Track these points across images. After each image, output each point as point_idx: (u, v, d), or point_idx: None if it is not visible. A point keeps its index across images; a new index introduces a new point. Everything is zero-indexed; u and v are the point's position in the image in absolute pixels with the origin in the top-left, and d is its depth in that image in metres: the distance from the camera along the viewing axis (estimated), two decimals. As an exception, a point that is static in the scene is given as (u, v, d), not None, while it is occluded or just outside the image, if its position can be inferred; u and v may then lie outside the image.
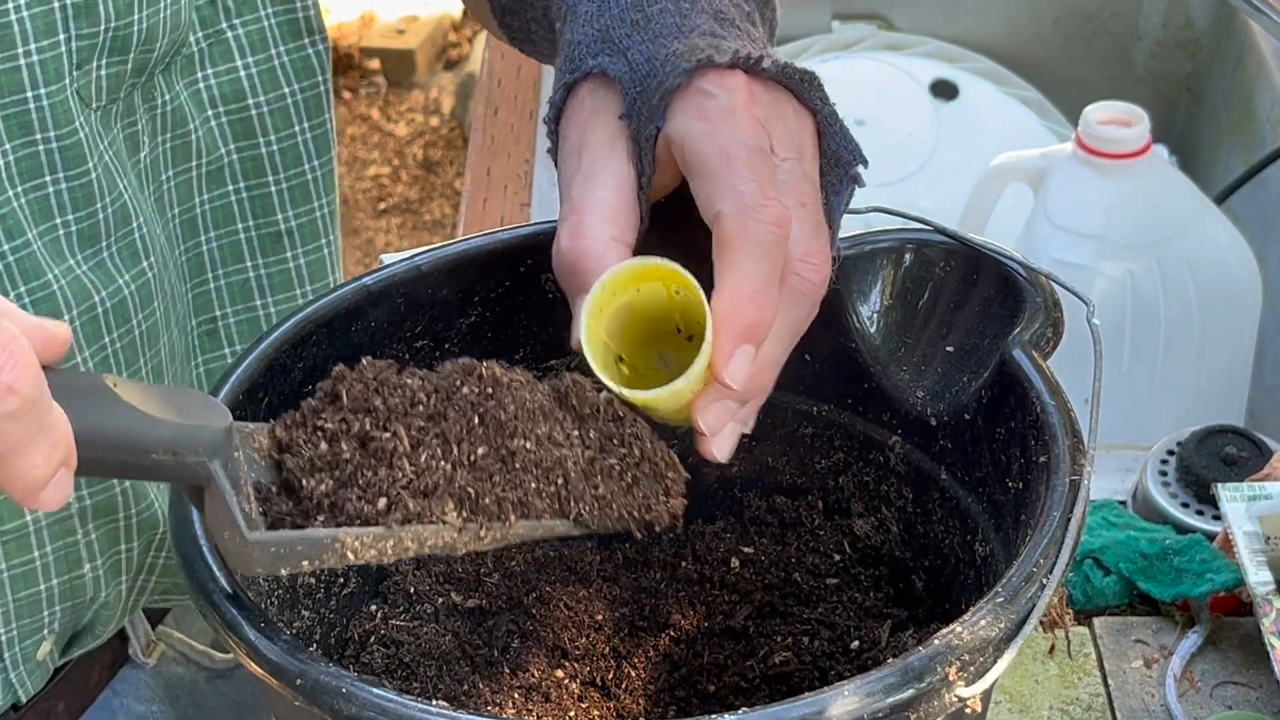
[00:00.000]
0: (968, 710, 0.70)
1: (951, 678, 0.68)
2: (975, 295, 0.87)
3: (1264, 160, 1.84)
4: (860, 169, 0.79)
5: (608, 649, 0.89)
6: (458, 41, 4.04)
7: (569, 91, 0.80)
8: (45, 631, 0.98)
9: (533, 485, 0.72)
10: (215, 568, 0.72)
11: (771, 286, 0.74)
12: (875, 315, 0.88)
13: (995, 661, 0.70)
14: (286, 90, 0.98)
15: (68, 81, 0.87)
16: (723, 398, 0.76)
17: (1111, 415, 0.79)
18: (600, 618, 0.90)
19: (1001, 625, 0.69)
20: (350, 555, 0.68)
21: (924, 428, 0.87)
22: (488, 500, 0.71)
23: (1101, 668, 1.08)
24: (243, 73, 0.97)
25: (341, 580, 0.89)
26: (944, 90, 2.11)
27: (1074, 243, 1.68)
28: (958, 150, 2.02)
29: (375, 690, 0.66)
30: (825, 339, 0.85)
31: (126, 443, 0.65)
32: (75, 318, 0.91)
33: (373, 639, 0.88)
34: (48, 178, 0.88)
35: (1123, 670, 1.08)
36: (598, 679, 0.88)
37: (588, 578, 0.92)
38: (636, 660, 0.89)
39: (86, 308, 0.91)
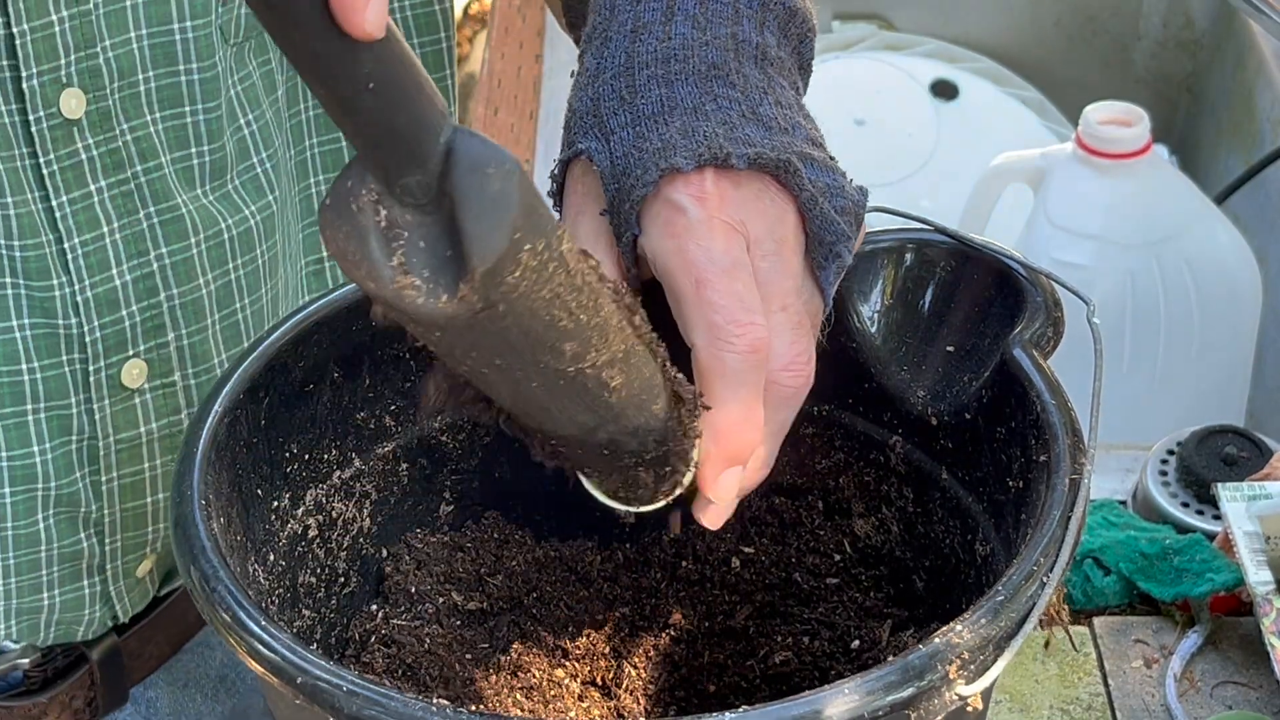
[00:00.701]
0: (968, 709, 0.70)
1: (952, 676, 0.68)
2: (976, 295, 0.87)
3: (1264, 160, 1.84)
4: (845, 245, 0.78)
5: (608, 649, 0.89)
6: (458, 41, 4.04)
7: (565, 169, 0.80)
8: (148, 549, 1.01)
9: None
10: (217, 565, 0.72)
11: (752, 410, 0.74)
12: (876, 315, 0.88)
13: (995, 660, 0.70)
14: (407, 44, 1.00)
15: (214, 16, 0.91)
16: (715, 503, 0.77)
17: (1111, 415, 0.80)
18: (601, 618, 0.90)
19: (1002, 624, 0.69)
20: None
21: (925, 427, 0.87)
22: None
23: (1101, 668, 1.08)
24: None
25: (342, 580, 0.89)
26: (944, 90, 2.11)
27: (1074, 243, 1.69)
28: (958, 150, 2.02)
29: (376, 689, 0.66)
30: (826, 339, 0.85)
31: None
32: (201, 241, 0.95)
33: (373, 639, 0.88)
34: (186, 108, 0.92)
35: (1123, 670, 1.08)
36: (598, 679, 0.88)
37: (589, 578, 0.92)
38: (637, 660, 0.89)
39: (212, 233, 0.95)
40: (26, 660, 1.01)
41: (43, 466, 0.95)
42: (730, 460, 0.75)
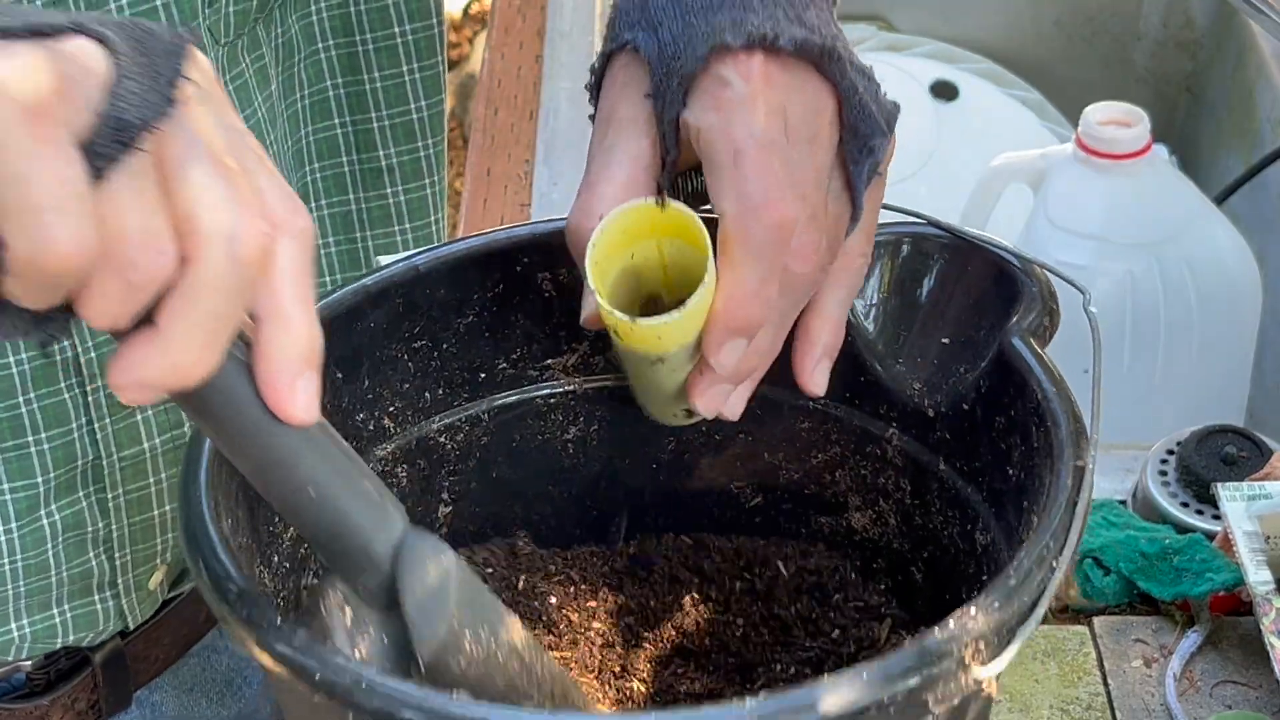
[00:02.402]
0: (983, 692, 0.71)
1: (968, 660, 0.68)
2: (971, 286, 0.87)
3: (1264, 160, 1.83)
4: (879, 141, 0.79)
5: (611, 646, 0.89)
6: (458, 42, 4.04)
7: (607, 60, 0.81)
8: (158, 561, 1.00)
9: None
10: (230, 565, 0.72)
11: (768, 287, 0.76)
12: (871, 308, 0.88)
13: (1009, 643, 0.70)
14: (397, 30, 1.00)
15: (201, 19, 0.90)
16: (715, 383, 0.79)
17: (1111, 415, 0.80)
18: (600, 622, 0.90)
19: (1015, 607, 0.70)
20: None
21: (922, 419, 0.87)
22: None
23: (1101, 667, 1.08)
24: (353, 8, 0.99)
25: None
26: (944, 91, 2.11)
27: (1074, 243, 1.68)
28: (958, 150, 2.02)
29: (395, 684, 0.66)
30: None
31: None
32: None
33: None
34: None
35: (1123, 670, 1.08)
36: (598, 680, 0.88)
37: (591, 581, 0.92)
38: (634, 662, 0.89)
39: None
40: (29, 662, 1.01)
41: (46, 495, 0.94)
42: (736, 329, 0.77)
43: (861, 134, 0.79)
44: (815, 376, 0.83)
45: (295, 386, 0.63)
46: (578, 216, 0.79)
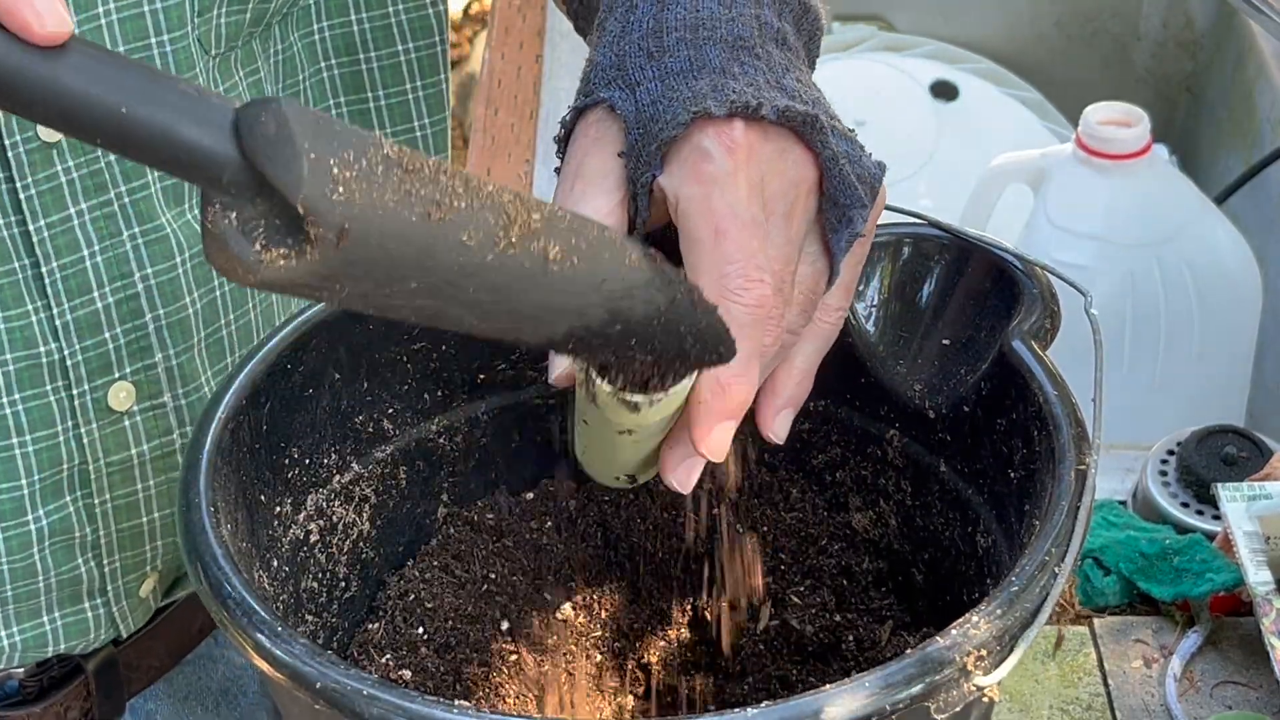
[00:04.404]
0: (985, 699, 0.71)
1: (970, 667, 0.68)
2: (972, 288, 0.87)
3: (1264, 160, 1.84)
4: (858, 212, 0.78)
5: (607, 653, 0.89)
6: (458, 41, 4.04)
7: (579, 115, 0.80)
8: (148, 568, 1.00)
9: None
10: (229, 571, 0.72)
11: (750, 365, 0.75)
12: (872, 310, 0.88)
13: (1011, 650, 0.70)
14: (400, 48, 1.00)
15: (190, 28, 0.89)
16: (694, 461, 0.77)
17: (1111, 415, 0.80)
18: (600, 622, 0.90)
19: (1017, 614, 0.70)
20: None
21: (922, 421, 0.87)
22: None
23: (1101, 668, 1.08)
24: (356, 27, 0.98)
25: (343, 585, 0.89)
26: (944, 91, 2.11)
27: (1074, 243, 1.69)
28: (958, 150, 2.02)
29: (397, 692, 0.66)
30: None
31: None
32: (186, 261, 0.93)
33: (373, 646, 0.88)
34: None
35: (1123, 670, 1.08)
36: (599, 680, 0.88)
37: (591, 580, 0.92)
38: (634, 662, 0.89)
39: (196, 252, 0.93)
40: (22, 670, 1.00)
41: (32, 498, 0.94)
42: (727, 415, 0.75)
43: (841, 205, 0.78)
44: (776, 426, 0.81)
45: (35, 4, 0.58)
46: None
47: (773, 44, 0.80)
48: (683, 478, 0.77)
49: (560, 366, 0.78)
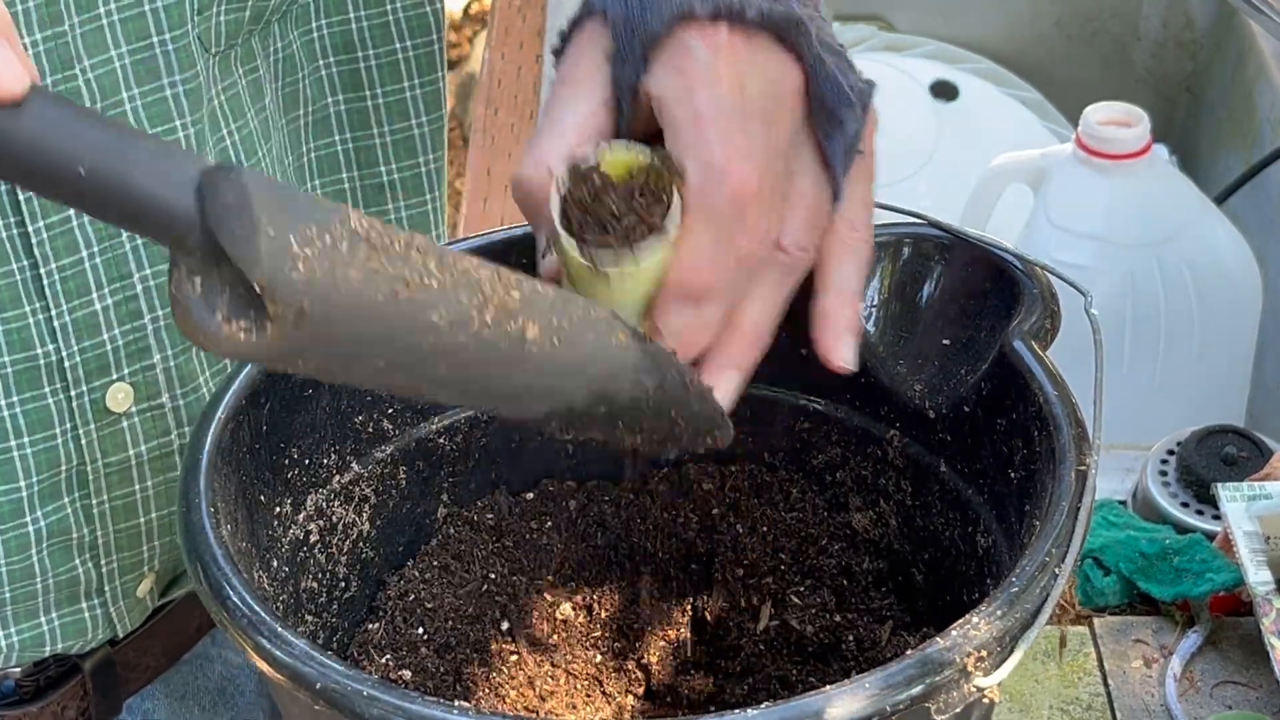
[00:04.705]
0: (985, 700, 0.71)
1: (970, 668, 0.68)
2: (972, 288, 0.87)
3: (1264, 160, 1.84)
4: (847, 113, 0.78)
5: (606, 653, 0.89)
6: (458, 41, 4.04)
7: (574, 26, 0.81)
8: (146, 568, 1.00)
9: None
10: (229, 571, 0.71)
11: (723, 253, 0.75)
12: (872, 310, 0.88)
13: (1012, 651, 0.70)
14: (398, 46, 1.00)
15: (190, 26, 0.89)
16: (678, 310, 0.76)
17: (1112, 415, 0.80)
18: (600, 622, 0.90)
19: (1017, 615, 0.70)
20: None
21: (922, 421, 0.87)
22: None
23: (1101, 668, 1.08)
24: (354, 25, 0.99)
25: (343, 585, 0.89)
26: (944, 91, 2.11)
27: (1074, 243, 1.69)
28: (958, 150, 2.02)
29: (397, 692, 0.66)
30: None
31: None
32: None
33: (373, 647, 0.88)
34: (176, 122, 0.90)
35: (1123, 670, 1.08)
36: (599, 680, 0.88)
37: (591, 580, 0.92)
38: (634, 662, 0.89)
39: None
40: (18, 670, 1.00)
41: (30, 500, 0.94)
42: (686, 294, 0.75)
43: (829, 105, 0.78)
44: (841, 350, 0.80)
45: None
46: (526, 168, 0.78)
47: None
48: (672, 325, 0.76)
49: (549, 264, 0.78)
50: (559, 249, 0.75)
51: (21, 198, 0.87)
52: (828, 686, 0.66)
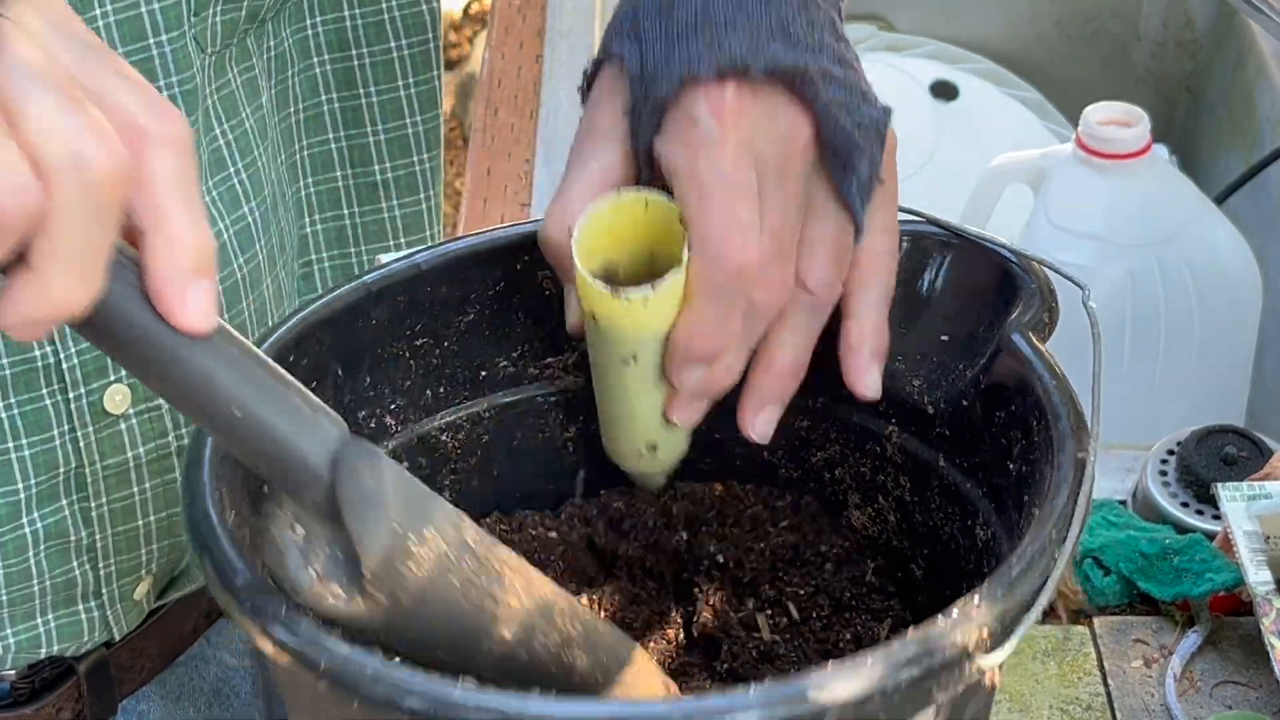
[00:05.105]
0: (985, 681, 0.71)
1: (971, 648, 0.68)
2: (970, 284, 0.88)
3: (1264, 160, 1.84)
4: (859, 158, 0.79)
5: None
6: (458, 41, 4.04)
7: (597, 67, 0.82)
8: (143, 571, 0.99)
9: None
10: (235, 556, 0.71)
11: (722, 321, 0.78)
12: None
13: (1012, 632, 0.71)
14: (393, 45, 1.00)
15: (186, 27, 0.89)
16: (687, 398, 0.82)
17: (1111, 415, 0.80)
18: (602, 617, 0.90)
19: (1018, 596, 0.71)
20: None
21: (921, 416, 0.87)
22: None
23: (1101, 668, 1.08)
24: (349, 23, 0.99)
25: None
26: (944, 91, 2.11)
27: (1074, 243, 1.68)
28: (958, 150, 2.02)
29: (402, 671, 0.66)
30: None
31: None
32: None
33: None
34: None
35: (1123, 670, 1.08)
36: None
37: (592, 577, 0.92)
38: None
39: None
40: (13, 671, 1.00)
41: (28, 502, 0.94)
42: (694, 358, 0.79)
43: (840, 153, 0.79)
44: (868, 380, 0.84)
45: (186, 295, 0.61)
46: (548, 228, 0.81)
47: None
48: (684, 415, 0.82)
49: (574, 314, 0.81)
50: (581, 288, 0.78)
51: None
52: (829, 663, 0.66)
